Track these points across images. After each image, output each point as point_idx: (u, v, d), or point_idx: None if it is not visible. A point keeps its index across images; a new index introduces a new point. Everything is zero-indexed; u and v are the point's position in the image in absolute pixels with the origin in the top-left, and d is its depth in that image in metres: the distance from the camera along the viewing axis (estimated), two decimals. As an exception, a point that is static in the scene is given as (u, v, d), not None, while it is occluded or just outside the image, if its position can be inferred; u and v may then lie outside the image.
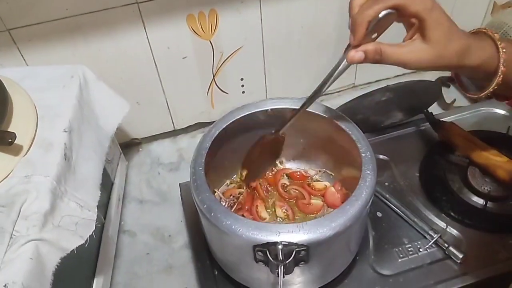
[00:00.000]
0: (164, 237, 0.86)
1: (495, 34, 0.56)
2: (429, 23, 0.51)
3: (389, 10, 0.50)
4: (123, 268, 0.82)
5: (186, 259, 0.82)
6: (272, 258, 0.53)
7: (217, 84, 0.98)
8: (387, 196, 0.80)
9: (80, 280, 0.70)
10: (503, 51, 0.54)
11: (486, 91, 0.57)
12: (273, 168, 0.83)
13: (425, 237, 0.74)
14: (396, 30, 0.56)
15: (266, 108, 0.70)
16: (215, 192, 0.74)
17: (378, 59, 0.53)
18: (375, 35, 0.53)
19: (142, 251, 0.84)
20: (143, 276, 0.80)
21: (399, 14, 0.52)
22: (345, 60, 0.56)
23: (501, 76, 0.55)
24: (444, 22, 0.52)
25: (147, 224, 0.88)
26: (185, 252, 0.83)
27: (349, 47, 0.55)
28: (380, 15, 0.51)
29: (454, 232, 0.75)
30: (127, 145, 1.02)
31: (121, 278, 0.80)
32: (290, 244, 0.52)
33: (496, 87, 0.56)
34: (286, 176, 0.82)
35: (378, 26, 0.52)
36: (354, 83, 1.11)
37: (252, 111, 0.69)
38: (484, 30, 0.57)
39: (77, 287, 0.69)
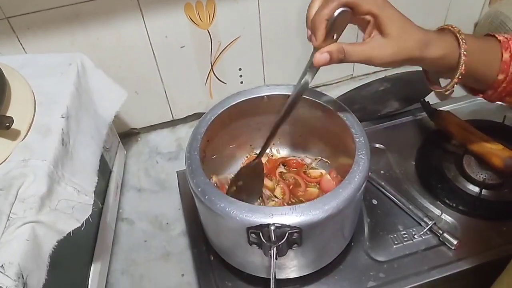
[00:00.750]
0: (162, 225, 0.87)
1: (455, 27, 0.57)
2: (382, 18, 0.54)
3: (343, 8, 0.53)
4: (121, 255, 0.83)
5: (183, 246, 0.82)
6: (265, 240, 0.54)
7: (215, 74, 0.98)
8: (383, 183, 0.80)
9: (78, 266, 0.71)
10: (463, 42, 0.56)
11: (452, 83, 0.58)
12: (270, 157, 0.83)
13: (420, 224, 0.75)
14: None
15: (262, 95, 0.70)
16: (212, 177, 0.75)
17: (342, 58, 0.55)
18: (335, 36, 0.55)
19: (140, 239, 0.85)
20: (141, 263, 0.81)
21: (354, 12, 0.54)
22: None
23: (463, 65, 0.56)
24: (397, 18, 0.54)
25: (145, 212, 0.89)
26: (182, 240, 0.84)
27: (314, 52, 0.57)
28: (336, 13, 0.53)
29: (449, 219, 0.76)
30: (126, 134, 1.02)
31: (119, 265, 0.81)
32: (283, 226, 0.53)
33: (461, 78, 0.57)
34: (283, 165, 0.83)
35: (335, 26, 0.54)
36: (352, 74, 1.11)
37: (248, 97, 0.70)
38: (445, 27, 0.59)
39: (75, 273, 0.70)
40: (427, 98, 0.91)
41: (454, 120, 0.84)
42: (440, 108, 0.90)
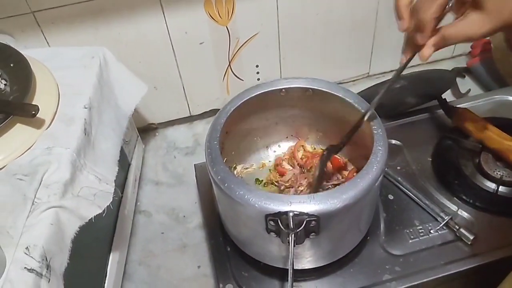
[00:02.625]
0: (178, 217, 0.88)
1: None
2: None
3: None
4: (138, 246, 0.84)
5: (199, 239, 0.84)
6: (283, 227, 0.54)
7: (233, 70, 0.99)
8: (399, 179, 0.80)
9: (97, 255, 0.73)
10: None
11: None
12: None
13: (436, 219, 0.75)
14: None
15: (281, 87, 0.71)
16: (234, 166, 0.76)
17: (443, 44, 0.55)
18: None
19: (157, 231, 0.86)
20: (157, 254, 0.83)
21: None
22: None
23: None
24: None
25: (163, 205, 0.90)
26: (199, 232, 0.85)
27: (408, 45, 0.58)
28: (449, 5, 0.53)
29: (465, 215, 0.75)
30: (144, 129, 1.04)
31: (136, 255, 0.83)
32: (301, 213, 0.54)
33: None
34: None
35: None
36: (368, 73, 1.12)
37: (267, 90, 0.71)
38: None
39: (94, 262, 0.72)
40: (444, 95, 0.91)
41: (471, 117, 0.84)
42: (458, 106, 0.90)
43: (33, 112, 0.59)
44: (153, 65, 0.93)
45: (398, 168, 0.84)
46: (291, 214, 0.53)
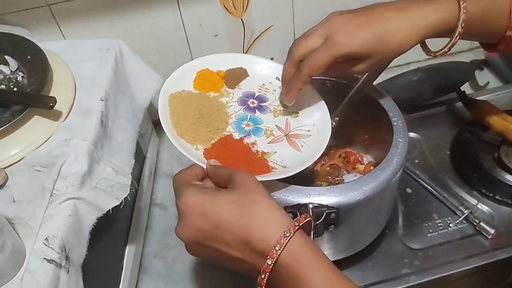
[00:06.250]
0: (194, 210, 0.87)
1: None
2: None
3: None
4: (154, 238, 0.84)
5: (215, 232, 0.83)
6: (303, 219, 0.54)
7: (248, 63, 0.99)
8: (417, 172, 0.79)
9: (114, 247, 0.73)
10: (463, 11, 0.53)
11: (449, 45, 0.56)
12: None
13: (455, 213, 0.74)
14: None
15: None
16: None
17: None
18: None
19: (173, 223, 0.85)
20: (173, 246, 0.82)
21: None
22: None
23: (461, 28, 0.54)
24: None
25: (178, 198, 0.90)
26: (215, 225, 0.84)
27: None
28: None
29: (485, 208, 0.74)
30: (159, 123, 1.03)
31: (152, 248, 0.83)
32: (320, 206, 0.53)
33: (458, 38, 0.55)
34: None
35: None
36: (384, 65, 1.10)
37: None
38: None
39: (111, 254, 0.72)
40: (462, 88, 0.89)
41: (491, 109, 0.82)
42: (477, 98, 0.89)
43: (51, 104, 0.59)
44: (168, 58, 0.92)
45: (416, 161, 0.83)
46: (310, 206, 0.52)
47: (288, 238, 0.41)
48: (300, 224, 0.43)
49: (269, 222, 0.43)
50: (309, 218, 0.44)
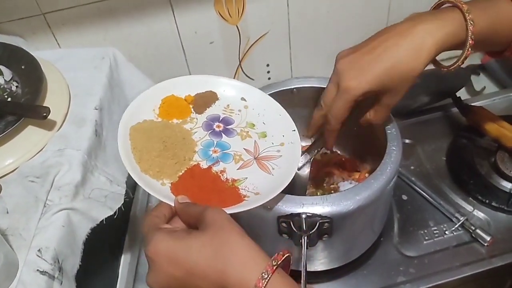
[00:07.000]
0: (190, 218, 0.87)
1: (463, 5, 0.53)
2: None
3: None
4: (150, 246, 0.84)
5: (211, 239, 0.83)
6: (296, 229, 0.54)
7: (243, 69, 0.99)
8: (413, 179, 0.79)
9: (108, 257, 0.72)
10: (470, 23, 0.52)
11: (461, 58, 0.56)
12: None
13: (451, 220, 0.74)
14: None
15: (292, 87, 0.71)
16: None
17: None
18: None
19: (169, 231, 0.86)
20: (169, 255, 0.82)
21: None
22: None
23: (470, 41, 0.53)
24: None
25: (174, 205, 0.90)
26: (211, 233, 0.84)
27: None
28: None
29: (481, 215, 0.74)
30: (155, 130, 1.03)
31: (148, 256, 0.82)
32: (314, 215, 0.53)
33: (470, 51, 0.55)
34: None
35: None
36: (380, 71, 1.10)
37: (278, 90, 0.70)
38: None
39: (106, 264, 0.71)
40: (458, 93, 0.89)
41: (487, 115, 0.82)
42: (473, 104, 0.89)
43: (44, 114, 0.59)
44: (163, 66, 0.92)
45: (412, 167, 0.83)
46: (303, 216, 0.52)
47: (266, 281, 0.40)
48: (278, 263, 0.41)
49: (245, 264, 0.41)
50: (287, 254, 0.43)
